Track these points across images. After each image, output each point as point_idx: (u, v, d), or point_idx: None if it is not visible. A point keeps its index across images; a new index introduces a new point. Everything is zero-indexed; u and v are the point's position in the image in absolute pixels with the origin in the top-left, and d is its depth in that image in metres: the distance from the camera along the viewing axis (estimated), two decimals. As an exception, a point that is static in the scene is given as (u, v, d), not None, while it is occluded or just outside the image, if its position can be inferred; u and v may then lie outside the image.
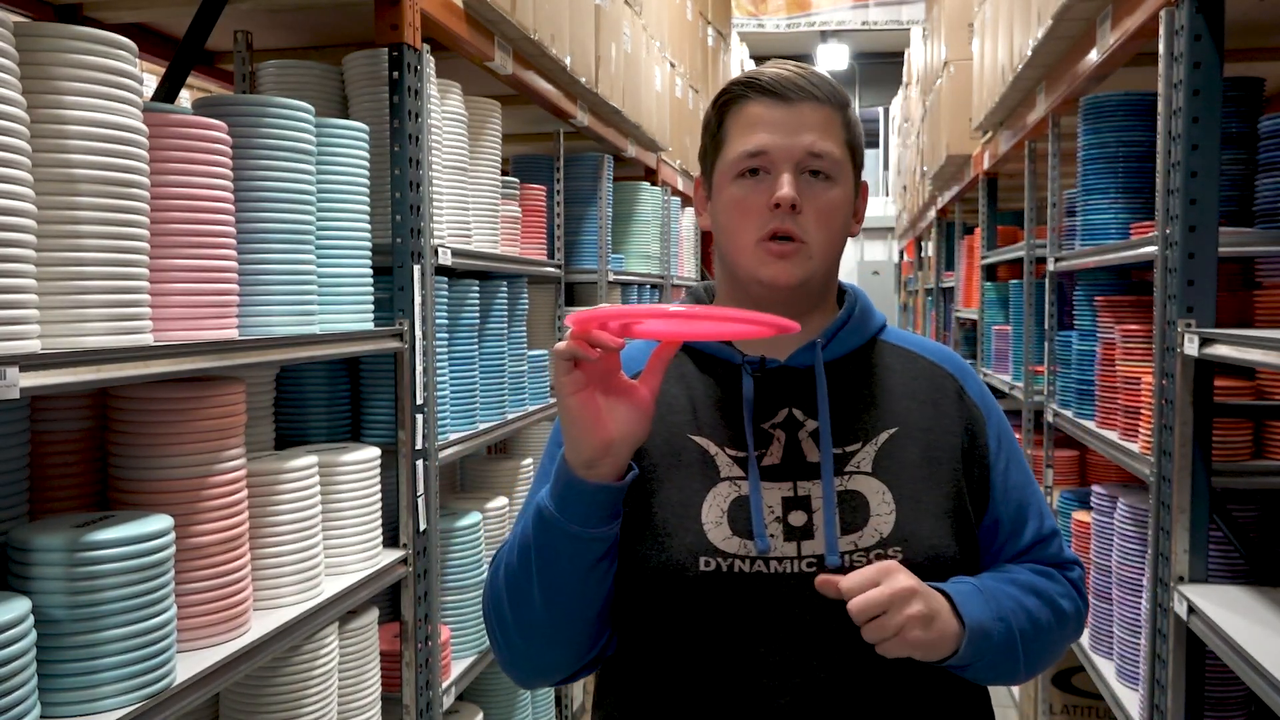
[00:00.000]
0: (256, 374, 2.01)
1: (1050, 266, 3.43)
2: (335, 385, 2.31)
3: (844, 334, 1.27)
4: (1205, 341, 1.93)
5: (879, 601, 1.07)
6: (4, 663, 1.21)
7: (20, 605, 1.26)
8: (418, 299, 2.19)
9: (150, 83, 2.46)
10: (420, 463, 2.22)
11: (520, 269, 3.01)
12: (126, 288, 1.40)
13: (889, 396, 1.26)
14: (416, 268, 2.18)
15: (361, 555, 2.07)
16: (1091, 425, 2.92)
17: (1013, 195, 5.11)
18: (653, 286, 4.52)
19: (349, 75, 2.29)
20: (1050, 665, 1.29)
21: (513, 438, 3.43)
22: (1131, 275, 3.25)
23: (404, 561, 2.19)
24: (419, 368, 2.21)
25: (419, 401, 2.21)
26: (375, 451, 2.13)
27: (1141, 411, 2.45)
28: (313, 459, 1.91)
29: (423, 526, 2.24)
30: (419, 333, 2.20)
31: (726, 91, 1.26)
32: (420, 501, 2.23)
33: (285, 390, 2.23)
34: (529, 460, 3.16)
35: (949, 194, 6.40)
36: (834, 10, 14.01)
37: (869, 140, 1.35)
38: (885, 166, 15.36)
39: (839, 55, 15.24)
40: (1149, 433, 2.32)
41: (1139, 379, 2.51)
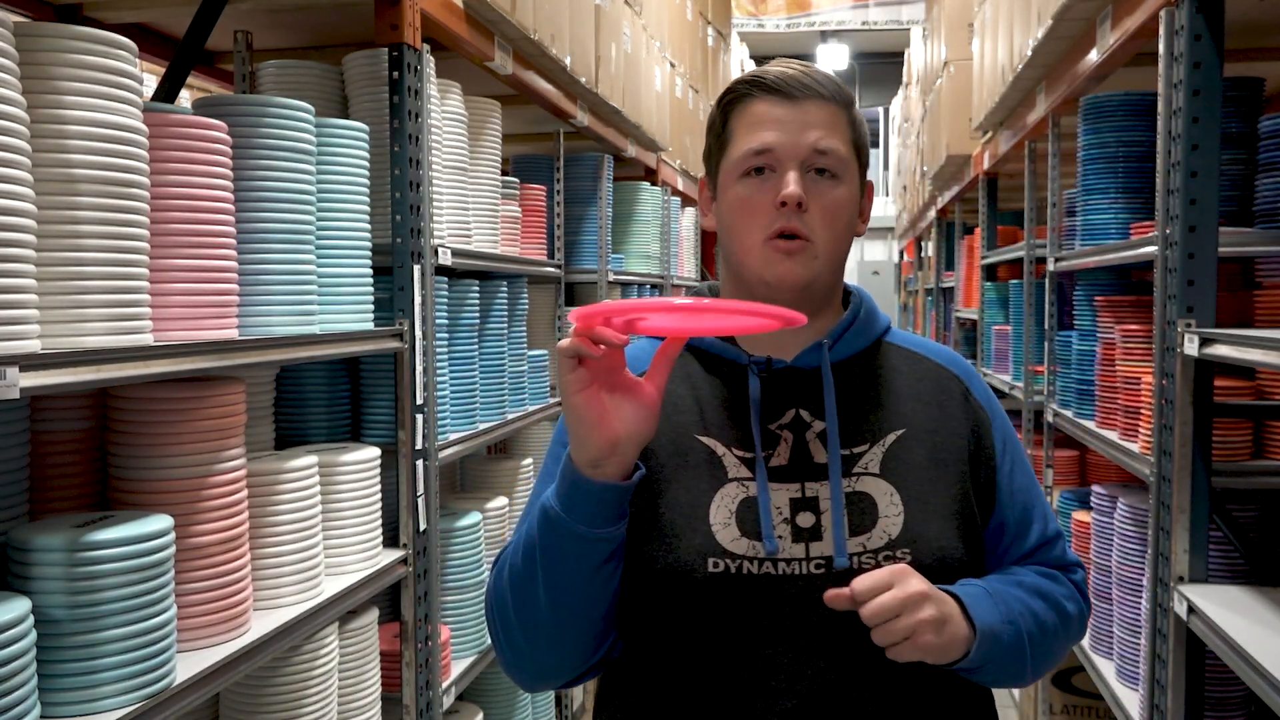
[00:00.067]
0: (256, 374, 2.01)
1: (1050, 266, 3.43)
2: (335, 385, 2.31)
3: (850, 335, 1.26)
4: (1205, 341, 1.93)
5: (892, 606, 1.06)
6: (4, 663, 1.21)
7: (20, 605, 1.26)
8: (418, 299, 2.19)
9: (150, 83, 2.46)
10: (420, 463, 2.22)
11: (520, 269, 3.01)
12: (126, 288, 1.40)
13: (895, 398, 1.25)
14: (416, 268, 2.18)
15: (361, 555, 2.07)
16: (1091, 425, 2.92)
17: (1013, 195, 5.11)
18: (653, 286, 4.52)
19: (349, 75, 2.30)
20: (1053, 668, 1.29)
21: (513, 438, 3.44)
22: (1131, 275, 3.25)
23: (404, 561, 2.19)
24: (419, 368, 2.21)
25: (419, 401, 2.21)
26: (375, 451, 2.13)
27: (1141, 411, 2.45)
28: (313, 459, 1.92)
29: (423, 526, 2.24)
30: (419, 333, 2.20)
31: (731, 90, 1.25)
32: (420, 501, 2.23)
33: (285, 390, 2.23)
34: (529, 460, 3.17)
35: (949, 194, 6.40)
36: (834, 10, 14.01)
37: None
38: (885, 166, 15.35)
39: (839, 55, 15.23)
40: (1149, 433, 2.32)
41: (1139, 379, 2.51)
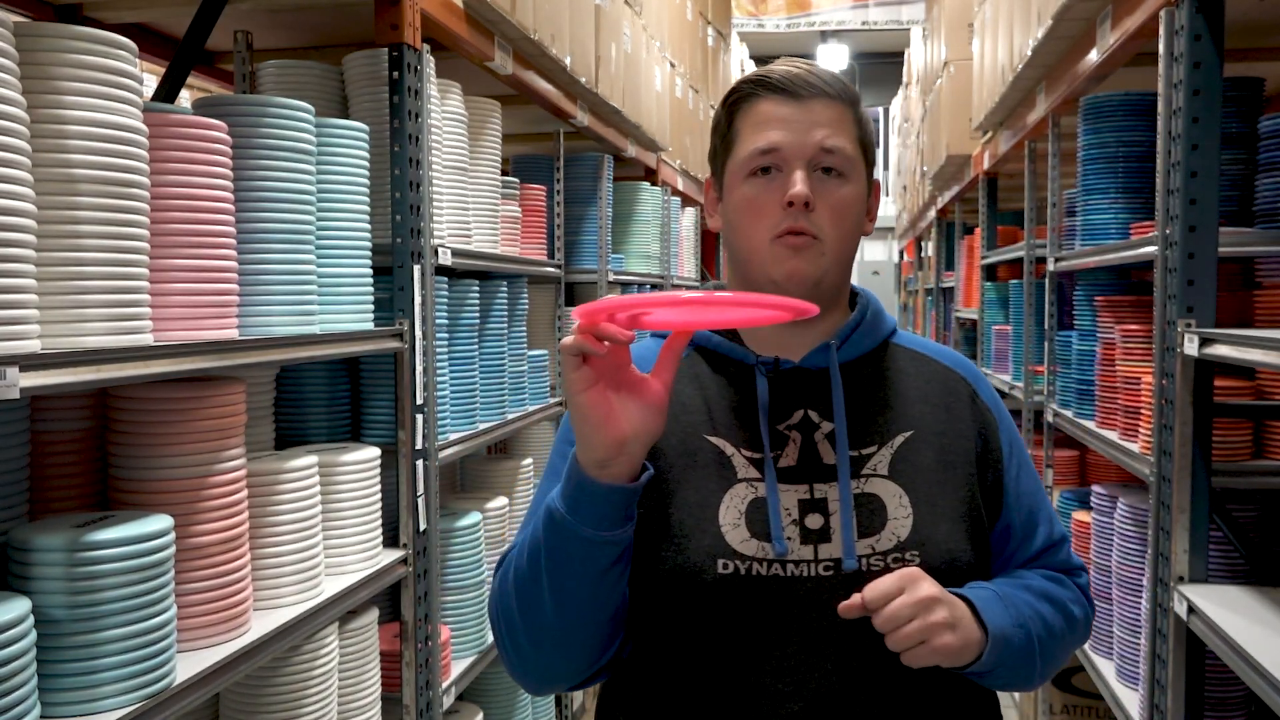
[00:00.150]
0: (256, 374, 2.01)
1: (1050, 266, 3.43)
2: (335, 385, 2.31)
3: (857, 336, 1.26)
4: (1205, 341, 1.93)
5: (904, 612, 1.06)
6: (4, 663, 1.21)
7: (20, 605, 1.26)
8: (418, 299, 2.19)
9: (150, 83, 2.46)
10: (420, 463, 2.22)
11: (520, 269, 3.01)
12: (126, 288, 1.40)
13: (903, 399, 1.25)
14: (416, 268, 2.18)
15: (361, 555, 2.07)
16: (1091, 425, 2.92)
17: (1013, 195, 5.11)
18: (653, 286, 4.52)
19: (349, 75, 2.30)
20: (1057, 670, 1.29)
21: (513, 438, 3.44)
22: (1131, 275, 3.25)
23: (404, 561, 2.19)
24: (419, 368, 2.21)
25: (419, 401, 2.21)
26: (375, 451, 2.13)
27: (1141, 411, 2.45)
28: (313, 459, 1.92)
29: (423, 526, 2.24)
30: (419, 333, 2.20)
31: (736, 90, 1.24)
32: (420, 501, 2.23)
33: (285, 390, 2.23)
34: (529, 460, 3.16)
35: (949, 194, 6.39)
36: (834, 10, 14.00)
37: (870, 140, 1.34)
38: (885, 166, 15.35)
39: (839, 55, 15.22)
40: (1149, 433, 2.31)
41: (1139, 379, 2.51)
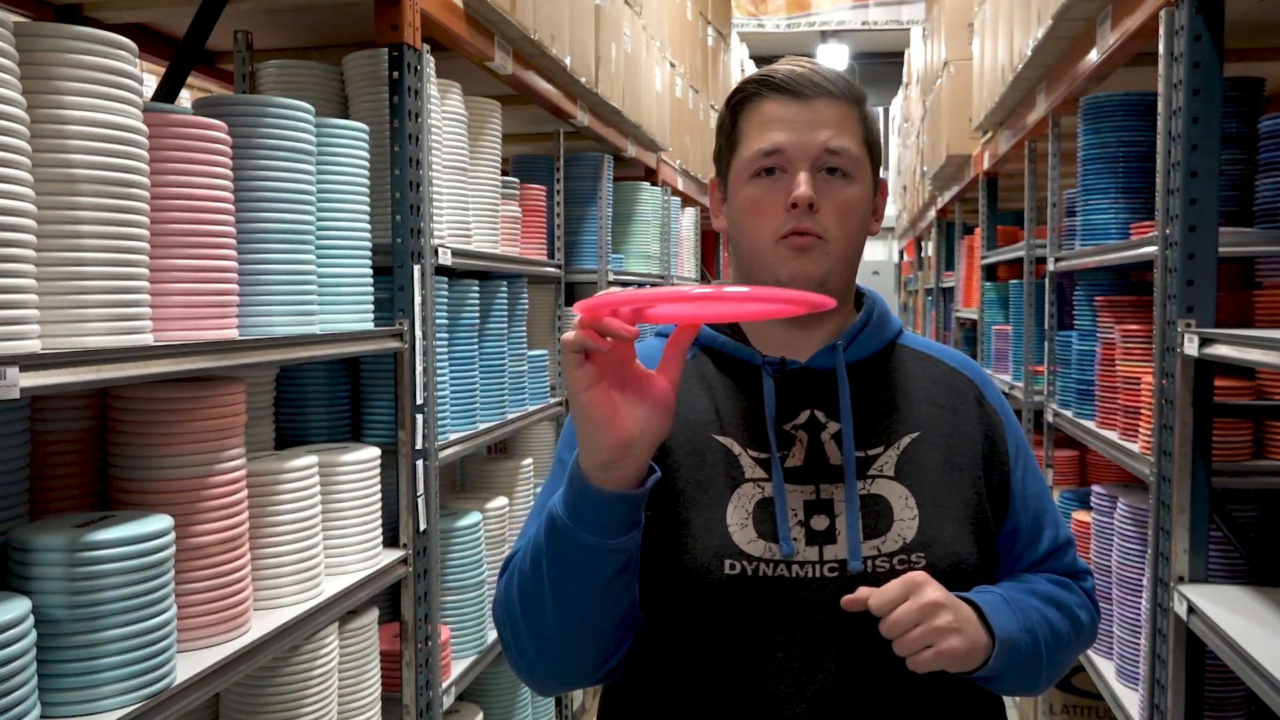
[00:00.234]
0: (256, 374, 2.01)
1: (1050, 266, 3.43)
2: (335, 385, 2.31)
3: (864, 337, 1.25)
4: (1205, 341, 1.93)
5: (910, 618, 1.05)
6: (4, 663, 1.21)
7: (20, 605, 1.26)
8: (418, 299, 2.19)
9: (150, 83, 2.46)
10: (420, 463, 2.22)
11: (520, 269, 3.01)
12: (126, 288, 1.40)
13: (910, 401, 1.24)
14: (416, 268, 2.18)
15: (361, 555, 2.07)
16: (1091, 425, 2.92)
17: (1013, 195, 5.11)
18: (653, 286, 4.53)
19: (349, 75, 2.30)
20: (1063, 674, 1.28)
21: (513, 438, 3.44)
22: (1131, 275, 3.25)
23: (404, 561, 2.19)
24: (419, 368, 2.21)
25: (419, 401, 2.21)
26: (375, 451, 2.13)
27: (1141, 411, 2.45)
28: (313, 459, 1.92)
29: (423, 526, 2.24)
30: (419, 333, 2.20)
31: (740, 90, 1.24)
32: (420, 501, 2.23)
33: (285, 390, 2.23)
34: (529, 460, 3.16)
35: (949, 194, 6.39)
36: (834, 10, 14.01)
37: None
38: (886, 166, 15.36)
39: (839, 55, 15.22)
40: (1149, 433, 2.31)
41: (1139, 379, 2.51)
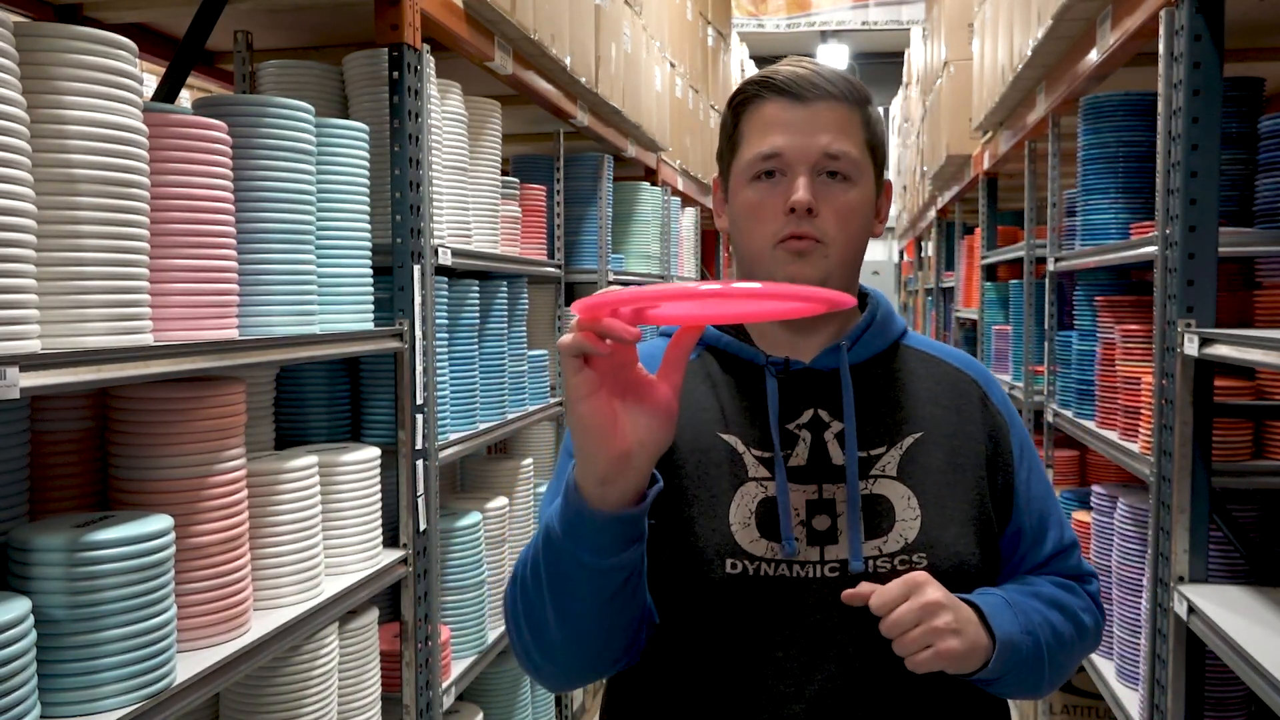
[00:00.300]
0: (256, 374, 2.01)
1: (1050, 266, 3.43)
2: (335, 385, 2.31)
3: (867, 337, 1.25)
4: (1205, 341, 1.93)
5: (909, 618, 1.05)
6: (4, 663, 1.21)
7: (20, 605, 1.26)
8: (418, 299, 2.19)
9: (150, 83, 2.46)
10: (420, 463, 2.22)
11: (520, 269, 3.01)
12: (126, 288, 1.40)
13: (913, 401, 1.24)
14: (416, 268, 2.18)
15: (361, 555, 2.07)
16: (1091, 425, 2.92)
17: (1013, 195, 5.11)
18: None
19: (349, 75, 2.30)
20: (1067, 679, 1.27)
21: (513, 438, 3.44)
22: (1131, 275, 3.25)
23: (404, 561, 2.19)
24: (419, 368, 2.21)
25: (419, 401, 2.21)
26: (375, 451, 2.13)
27: (1141, 411, 2.45)
28: (313, 459, 1.92)
29: (423, 526, 2.24)
30: (419, 333, 2.20)
31: (741, 91, 1.23)
32: (420, 501, 2.23)
33: (285, 390, 2.23)
34: (529, 460, 3.16)
35: (949, 194, 6.40)
36: (834, 10, 14.00)
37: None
38: (886, 166, 15.36)
39: (839, 55, 15.22)
40: (1149, 433, 2.32)
41: (1139, 379, 2.51)
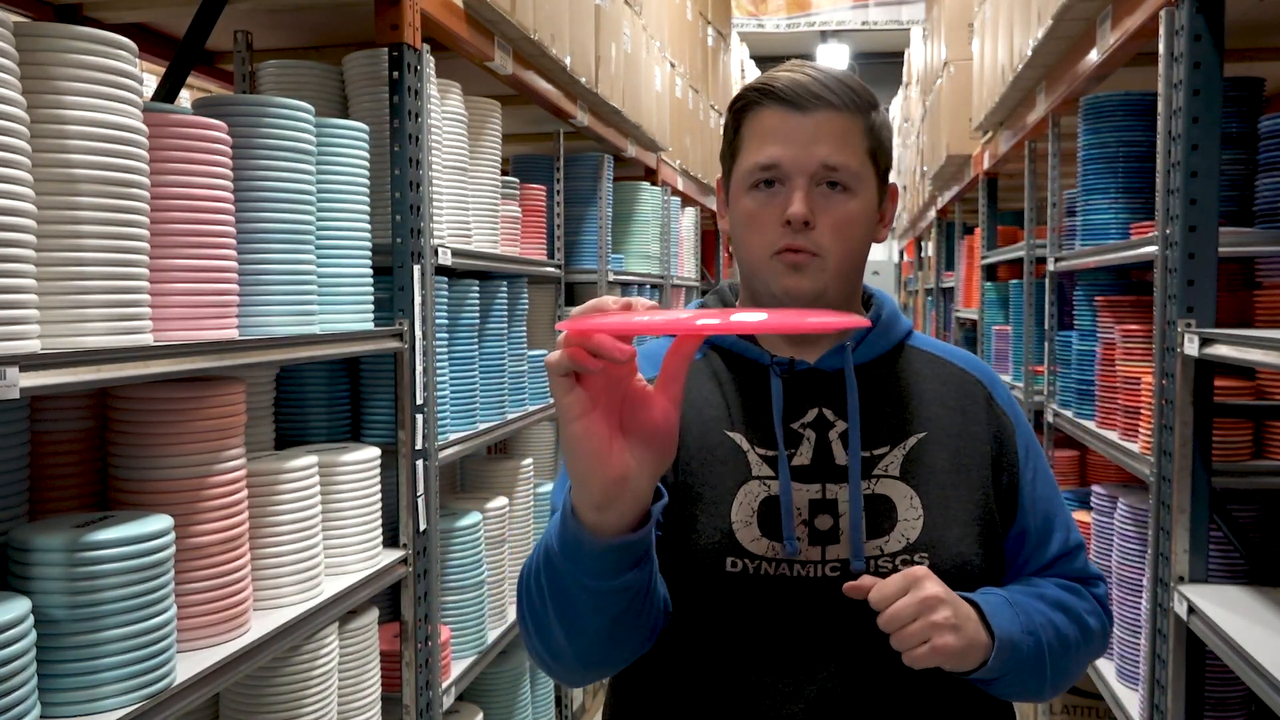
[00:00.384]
0: (256, 374, 2.01)
1: (1050, 266, 3.43)
2: (335, 385, 2.31)
3: (872, 338, 1.25)
4: (1205, 341, 1.93)
5: (907, 612, 1.04)
6: (4, 663, 1.21)
7: (20, 605, 1.26)
8: (418, 299, 2.19)
9: (150, 83, 2.46)
10: (420, 463, 2.22)
11: (520, 269, 3.01)
12: (126, 288, 1.40)
13: (918, 401, 1.23)
14: (416, 268, 2.18)
15: (361, 555, 2.07)
16: (1091, 425, 2.92)
17: (1013, 195, 5.11)
18: (653, 286, 4.52)
19: (349, 75, 2.30)
20: (1071, 684, 1.25)
21: (513, 438, 3.44)
22: (1131, 275, 3.25)
23: (404, 561, 2.19)
24: (419, 368, 2.21)
25: (419, 401, 2.21)
26: (375, 451, 2.13)
27: (1141, 411, 2.45)
28: (313, 459, 1.91)
29: (423, 526, 2.24)
30: (419, 333, 2.20)
31: (743, 96, 1.22)
32: (420, 501, 2.23)
33: (285, 390, 2.23)
34: (529, 460, 3.16)
35: (949, 194, 6.40)
36: (834, 10, 13.99)
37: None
38: (886, 167, 15.34)
39: (839, 55, 15.22)
40: (1149, 433, 2.32)
41: (1139, 379, 2.51)
